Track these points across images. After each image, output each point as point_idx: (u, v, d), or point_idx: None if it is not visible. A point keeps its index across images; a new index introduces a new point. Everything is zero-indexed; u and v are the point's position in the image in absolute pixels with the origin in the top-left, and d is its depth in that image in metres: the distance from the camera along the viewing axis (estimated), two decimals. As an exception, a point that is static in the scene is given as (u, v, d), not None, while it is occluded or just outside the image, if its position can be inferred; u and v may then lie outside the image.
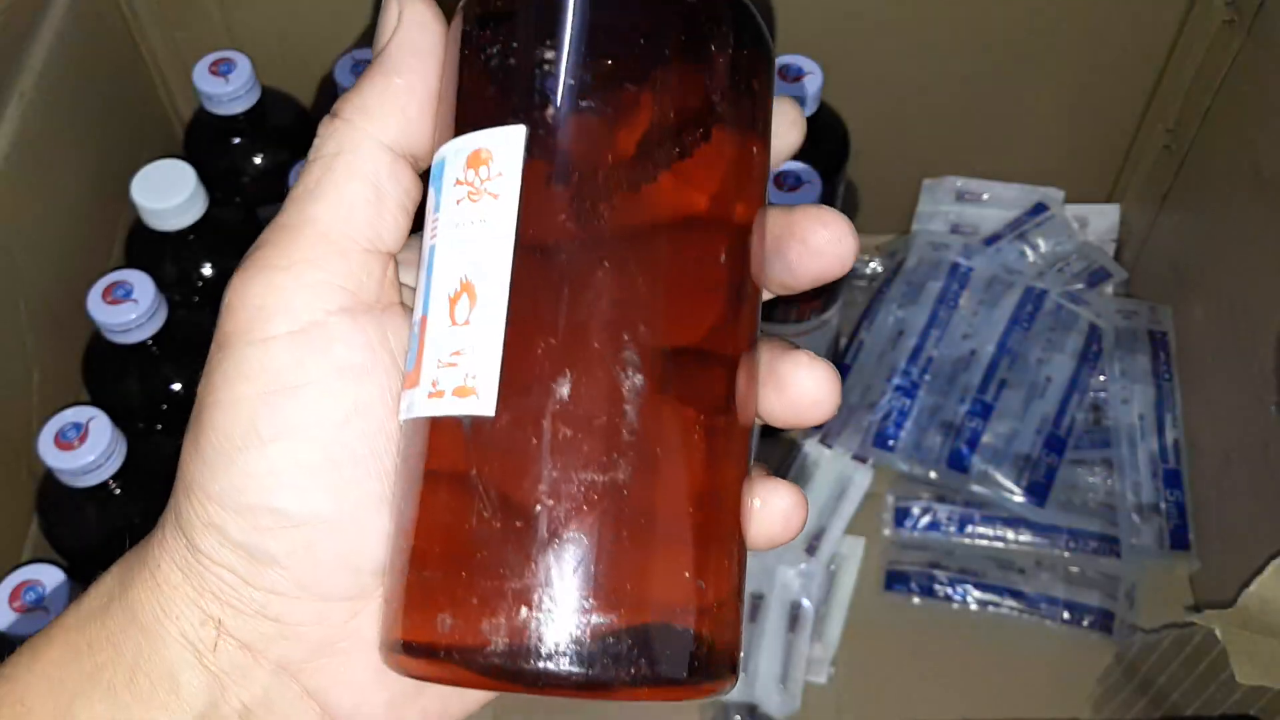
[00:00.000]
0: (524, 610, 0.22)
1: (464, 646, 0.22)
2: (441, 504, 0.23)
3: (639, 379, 0.22)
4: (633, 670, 0.22)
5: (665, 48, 0.23)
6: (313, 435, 0.24)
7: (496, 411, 0.22)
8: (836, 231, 0.26)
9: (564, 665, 0.22)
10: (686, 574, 0.23)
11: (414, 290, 0.26)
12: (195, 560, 0.25)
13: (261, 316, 0.24)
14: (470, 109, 0.24)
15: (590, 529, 0.22)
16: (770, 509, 0.26)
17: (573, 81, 0.23)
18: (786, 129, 0.27)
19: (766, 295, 0.27)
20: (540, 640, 0.22)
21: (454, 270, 0.23)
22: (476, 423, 0.23)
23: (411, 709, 0.27)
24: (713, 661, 0.24)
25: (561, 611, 0.22)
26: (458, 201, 0.24)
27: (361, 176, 0.25)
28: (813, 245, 0.26)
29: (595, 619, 0.22)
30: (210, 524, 0.25)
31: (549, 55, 0.23)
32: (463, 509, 0.23)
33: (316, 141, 0.25)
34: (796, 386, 0.26)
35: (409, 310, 0.26)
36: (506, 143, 0.23)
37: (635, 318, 0.23)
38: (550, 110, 0.23)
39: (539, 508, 0.22)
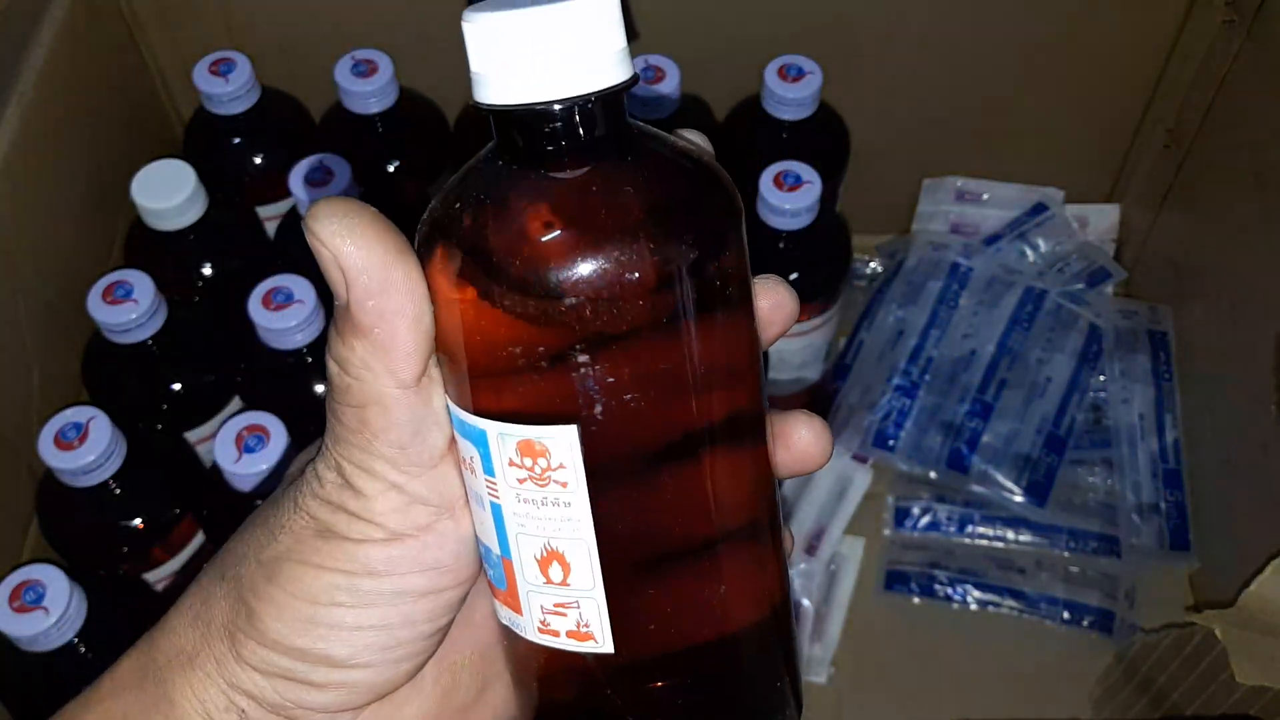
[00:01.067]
0: None
1: None
2: (578, 710, 0.29)
3: (712, 587, 0.27)
4: None
5: (679, 318, 0.25)
6: (379, 610, 0.28)
7: (616, 650, 0.27)
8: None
9: None
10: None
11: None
12: (235, 663, 0.28)
13: (359, 525, 0.27)
14: (503, 388, 0.26)
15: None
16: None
17: (612, 380, 0.25)
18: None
19: None
20: None
21: (537, 538, 0.27)
22: (600, 658, 0.28)
23: None
24: None
25: None
26: (520, 481, 0.26)
27: (404, 418, 0.27)
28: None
29: None
30: (262, 644, 0.28)
31: (584, 359, 0.25)
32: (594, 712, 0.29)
33: (340, 383, 0.26)
34: (800, 441, 0.30)
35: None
36: (562, 441, 0.25)
37: (699, 563, 0.27)
38: (597, 409, 0.25)
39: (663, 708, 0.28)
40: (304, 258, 0.69)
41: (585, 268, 0.24)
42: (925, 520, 0.72)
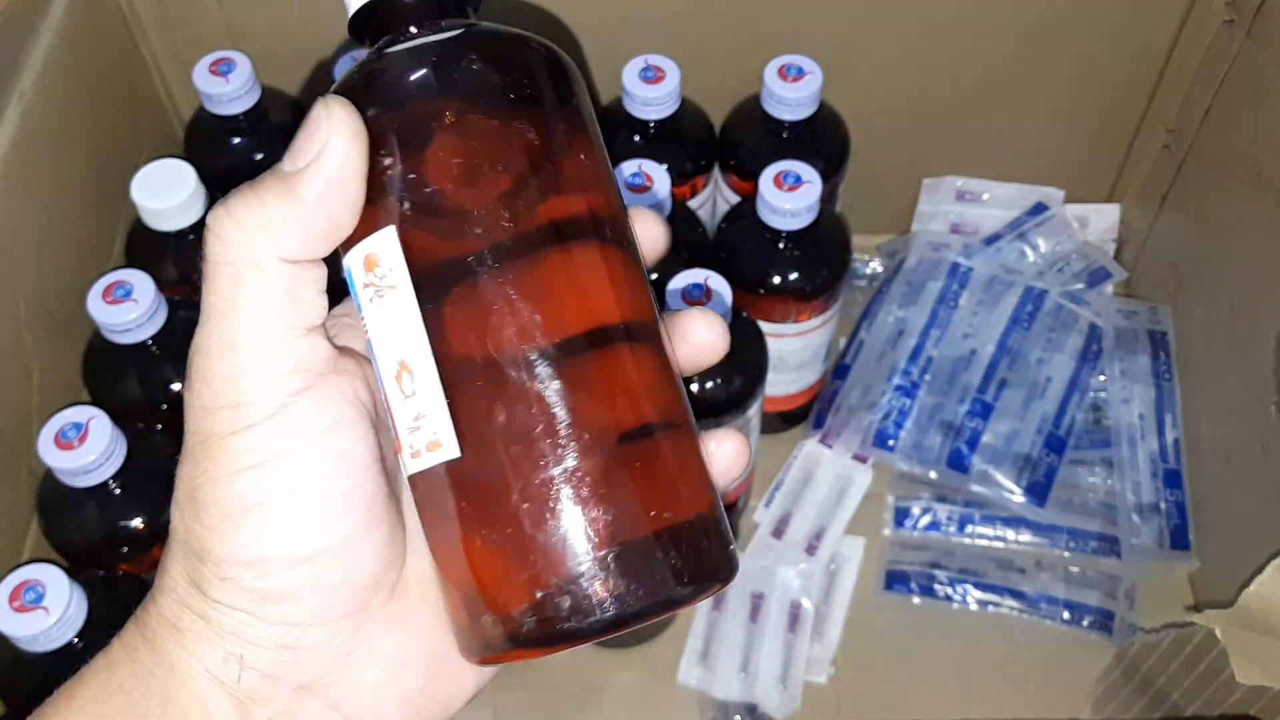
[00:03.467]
0: (543, 590, 0.27)
1: (523, 631, 0.27)
2: (450, 535, 0.28)
3: (554, 383, 0.27)
4: (644, 593, 0.27)
5: (479, 124, 0.28)
6: (304, 489, 0.27)
7: (462, 453, 0.28)
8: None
9: (597, 615, 0.27)
10: (653, 511, 0.28)
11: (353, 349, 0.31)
12: (213, 609, 0.28)
13: (236, 414, 0.27)
14: (358, 223, 0.29)
15: (558, 513, 0.27)
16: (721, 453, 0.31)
17: (413, 178, 0.28)
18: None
19: None
20: (564, 605, 0.27)
21: (390, 355, 0.28)
22: (450, 466, 0.28)
23: (421, 699, 0.30)
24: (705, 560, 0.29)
25: (573, 577, 0.27)
26: (370, 301, 0.29)
27: (275, 287, 0.27)
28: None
29: (597, 574, 0.27)
30: (224, 578, 0.28)
31: (387, 163, 0.28)
32: (467, 534, 0.28)
33: (215, 245, 0.27)
34: (695, 335, 0.31)
35: (357, 363, 0.30)
36: (385, 244, 0.28)
37: (530, 333, 0.28)
38: (406, 208, 0.28)
39: (520, 511, 0.27)
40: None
41: (382, 86, 0.29)
42: (925, 520, 0.72)
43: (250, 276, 0.27)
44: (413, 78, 0.29)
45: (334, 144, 0.27)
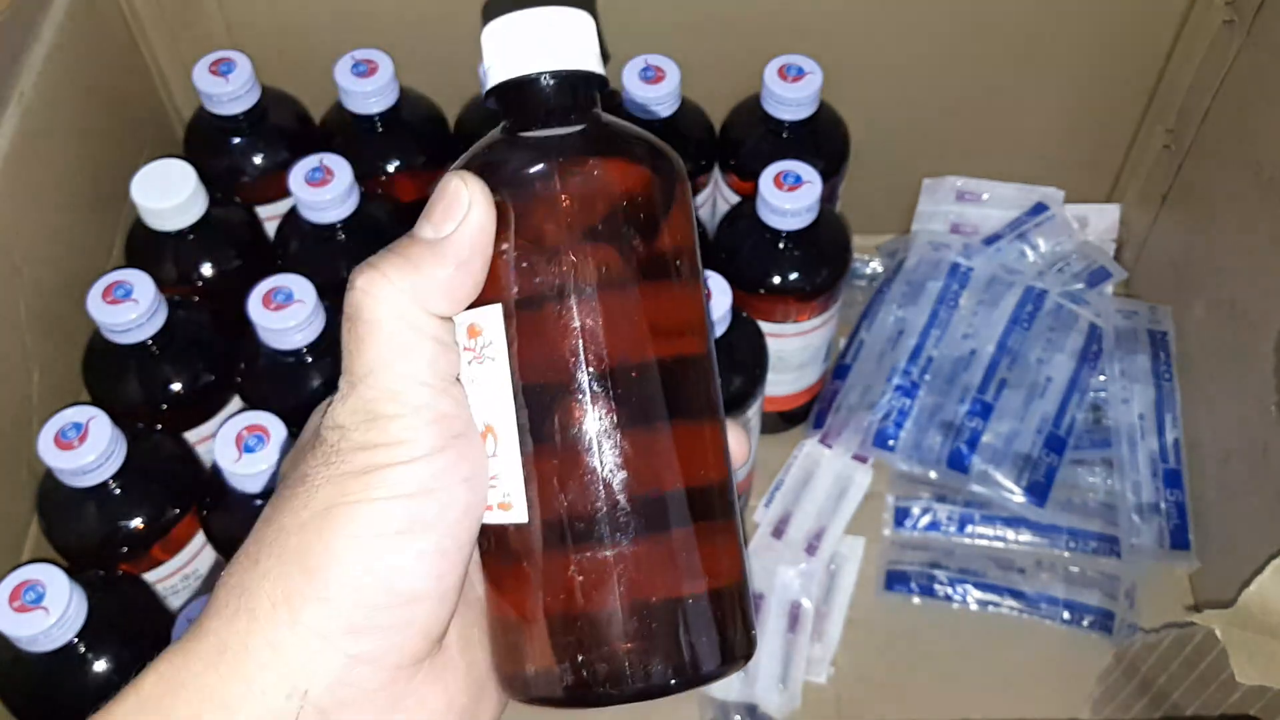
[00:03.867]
0: (584, 655, 0.30)
1: (561, 687, 0.30)
2: (507, 587, 0.31)
3: (621, 474, 0.30)
4: (671, 670, 0.30)
5: (596, 232, 0.31)
6: (435, 530, 0.29)
7: (529, 519, 0.30)
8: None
9: (628, 686, 0.30)
10: (691, 600, 0.30)
11: None
12: (291, 633, 0.28)
13: (398, 450, 0.29)
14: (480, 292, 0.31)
15: (606, 590, 0.30)
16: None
17: (525, 265, 0.30)
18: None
19: None
20: (601, 672, 0.30)
21: (480, 416, 0.31)
22: (516, 527, 0.30)
23: None
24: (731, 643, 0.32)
25: (613, 649, 0.30)
26: (468, 363, 0.31)
27: (429, 340, 0.30)
28: None
29: (634, 650, 0.30)
30: (324, 599, 0.28)
31: (504, 246, 0.30)
32: (523, 591, 0.31)
33: (368, 302, 0.29)
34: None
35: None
36: (490, 319, 0.30)
37: (611, 436, 0.30)
38: (515, 292, 0.30)
39: (574, 582, 0.30)
40: (304, 258, 0.69)
41: (509, 172, 0.31)
42: (925, 520, 0.72)
43: (408, 330, 0.29)
44: (538, 173, 0.31)
45: (475, 215, 0.29)
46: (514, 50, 0.32)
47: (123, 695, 0.28)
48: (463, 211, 0.30)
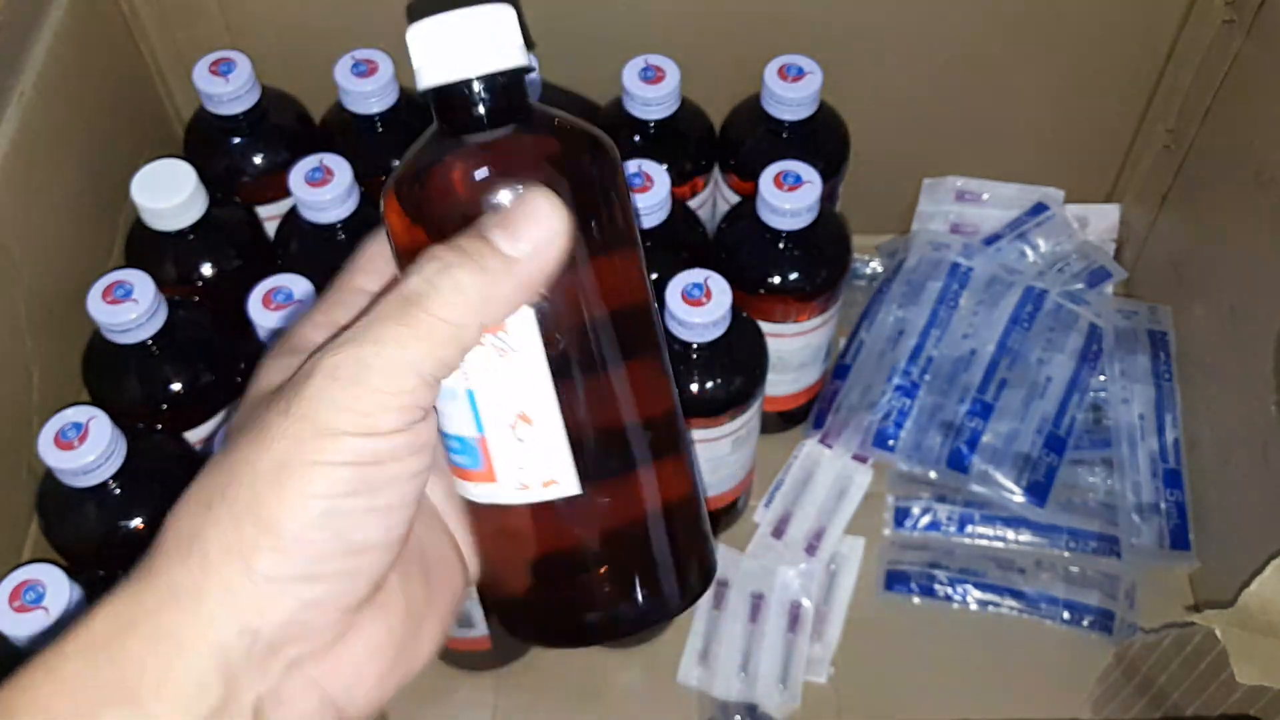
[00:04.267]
0: (612, 595, 0.35)
1: (587, 623, 0.35)
2: (549, 557, 0.35)
3: (643, 435, 0.34)
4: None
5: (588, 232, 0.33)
6: (389, 491, 0.30)
7: (581, 489, 0.33)
8: None
9: (625, 626, 0.35)
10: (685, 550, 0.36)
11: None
12: (246, 579, 0.29)
13: (367, 421, 0.30)
14: None
15: (639, 548, 0.35)
16: None
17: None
18: None
19: None
20: (629, 613, 0.35)
21: (506, 405, 0.32)
22: (568, 500, 0.33)
23: (391, 674, 0.33)
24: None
25: (647, 584, 0.35)
26: (484, 360, 0.32)
27: (461, 347, 0.31)
28: None
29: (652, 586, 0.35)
30: (277, 550, 0.29)
31: None
32: (567, 559, 0.35)
33: (438, 301, 0.30)
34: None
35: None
36: (518, 319, 0.32)
37: (629, 408, 0.34)
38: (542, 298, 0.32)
39: (610, 538, 0.34)
40: (304, 258, 0.69)
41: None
42: (925, 520, 0.72)
43: (454, 334, 0.30)
44: (484, 180, 0.32)
45: (559, 244, 0.31)
46: (440, 55, 0.33)
47: (74, 633, 0.29)
48: (544, 235, 0.30)
